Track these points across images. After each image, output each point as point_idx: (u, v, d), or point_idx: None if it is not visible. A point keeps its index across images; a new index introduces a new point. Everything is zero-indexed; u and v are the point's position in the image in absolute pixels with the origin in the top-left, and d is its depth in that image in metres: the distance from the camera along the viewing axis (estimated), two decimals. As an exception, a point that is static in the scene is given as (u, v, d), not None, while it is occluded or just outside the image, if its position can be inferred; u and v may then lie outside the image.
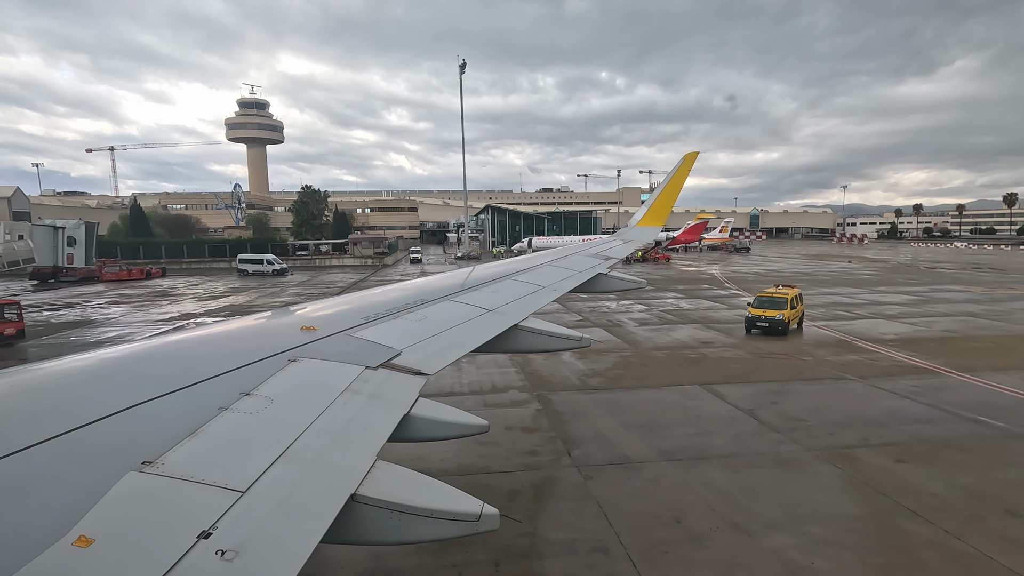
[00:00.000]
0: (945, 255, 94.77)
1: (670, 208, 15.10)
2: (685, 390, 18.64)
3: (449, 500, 3.04)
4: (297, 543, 2.34)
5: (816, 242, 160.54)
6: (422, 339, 5.45)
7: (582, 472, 12.55)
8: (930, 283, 50.39)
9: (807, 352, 23.83)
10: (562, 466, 12.94)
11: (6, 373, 3.68)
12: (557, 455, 13.54)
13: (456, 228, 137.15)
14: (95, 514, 2.21)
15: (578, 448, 13.89)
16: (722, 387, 18.78)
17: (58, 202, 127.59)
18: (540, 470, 12.77)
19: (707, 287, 49.32)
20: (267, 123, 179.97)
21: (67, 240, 40.47)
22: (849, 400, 17.41)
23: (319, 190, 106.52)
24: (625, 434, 14.79)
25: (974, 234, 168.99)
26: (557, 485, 12.00)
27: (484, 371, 21.31)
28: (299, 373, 4.13)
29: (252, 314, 8.10)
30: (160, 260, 76.58)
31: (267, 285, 56.74)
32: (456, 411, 4.40)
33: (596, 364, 22.23)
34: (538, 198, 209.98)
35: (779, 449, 13.67)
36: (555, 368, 21.67)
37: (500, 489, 11.80)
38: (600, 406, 17.11)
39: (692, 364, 22.19)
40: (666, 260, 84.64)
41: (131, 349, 4.77)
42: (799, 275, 58.64)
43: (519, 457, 13.47)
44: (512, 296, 7.91)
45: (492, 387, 19.23)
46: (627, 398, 17.91)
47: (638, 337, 27.43)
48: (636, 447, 13.92)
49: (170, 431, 2.97)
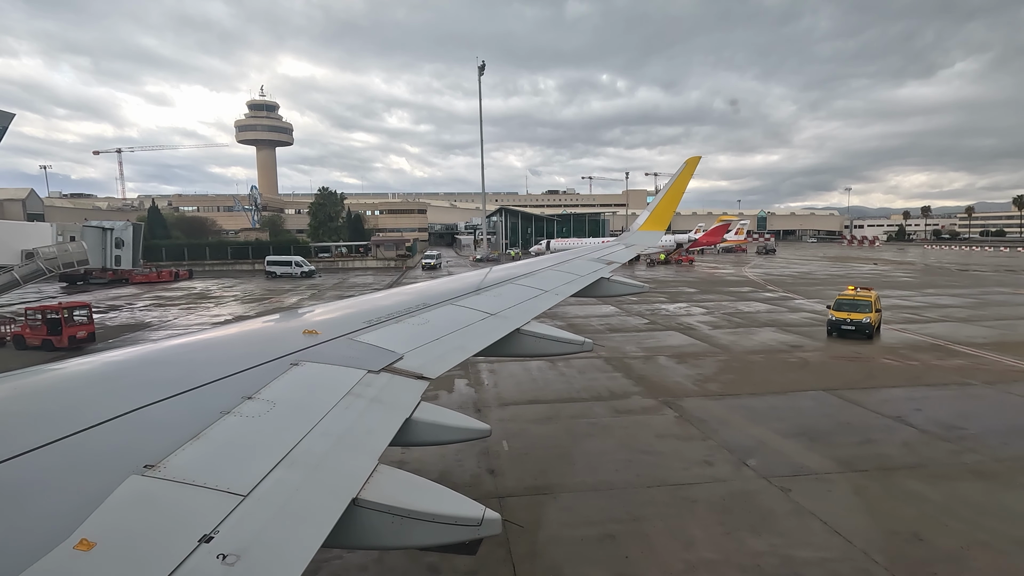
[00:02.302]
0: (966, 257, 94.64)
1: (673, 212, 15.06)
2: (813, 396, 18.11)
3: (450, 505, 2.99)
4: (298, 547, 2.33)
5: (826, 244, 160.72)
6: (424, 343, 5.45)
7: (773, 484, 11.99)
8: (973, 285, 50.08)
9: (908, 356, 23.31)
10: (746, 477, 12.37)
11: (8, 376, 3.60)
12: (734, 465, 12.97)
13: (472, 230, 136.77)
14: (97, 518, 2.20)
15: (751, 458, 13.32)
16: (848, 392, 18.25)
17: (69, 204, 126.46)
18: (728, 481, 12.20)
19: (748, 289, 48.86)
20: (277, 125, 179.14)
21: (115, 241, 39.82)
22: (992, 407, 16.92)
23: (336, 192, 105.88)
24: (787, 443, 14.23)
25: (984, 236, 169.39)
26: (758, 498, 11.42)
27: (588, 376, 20.76)
28: (301, 377, 4.12)
29: (254, 318, 7.92)
30: (182, 262, 75.80)
31: (301, 287, 56.05)
32: (458, 415, 4.32)
33: (699, 369, 21.68)
34: (544, 200, 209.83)
35: (963, 460, 13.14)
36: (660, 373, 21.12)
37: (705, 500, 11.24)
38: (738, 413, 16.54)
39: (798, 369, 21.67)
40: (689, 263, 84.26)
41: (134, 353, 4.70)
42: (834, 277, 58.30)
43: (696, 468, 12.89)
44: (514, 300, 7.90)
45: (610, 393, 18.64)
46: (760, 404, 17.35)
47: (721, 341, 26.90)
48: (809, 457, 13.37)
49: (172, 435, 2.95)
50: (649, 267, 78.12)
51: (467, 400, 18.14)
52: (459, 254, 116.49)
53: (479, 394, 18.80)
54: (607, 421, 16.03)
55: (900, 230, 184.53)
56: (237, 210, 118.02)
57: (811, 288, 48.74)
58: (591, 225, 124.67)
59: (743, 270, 70.43)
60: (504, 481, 12.26)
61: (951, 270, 67.50)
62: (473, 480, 12.36)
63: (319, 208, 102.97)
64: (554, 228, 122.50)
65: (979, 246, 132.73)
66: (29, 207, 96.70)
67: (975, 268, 70.03)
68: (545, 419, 16.27)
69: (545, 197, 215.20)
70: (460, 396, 18.61)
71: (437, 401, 18.15)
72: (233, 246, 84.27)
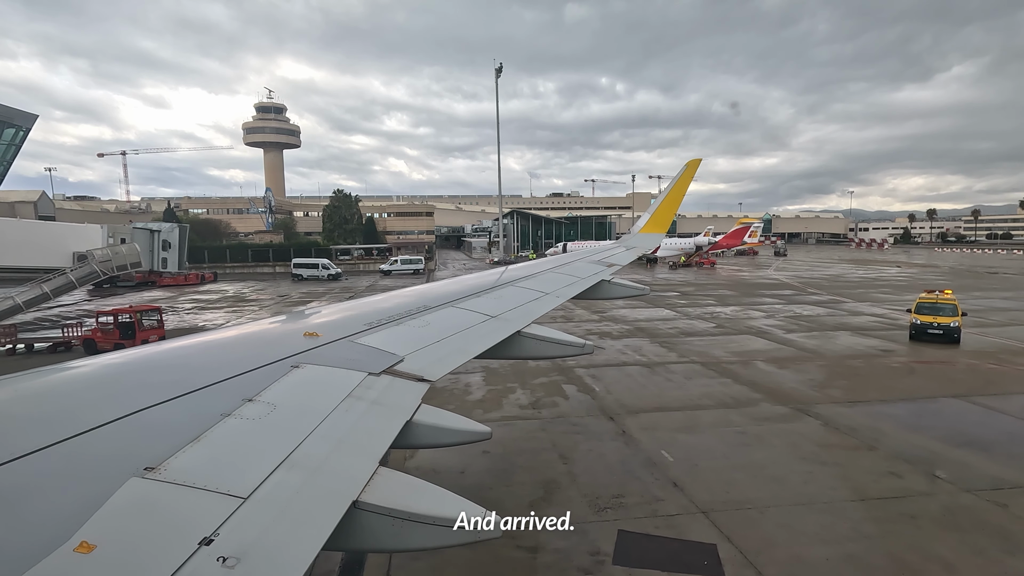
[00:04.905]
0: (980, 260, 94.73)
1: (674, 214, 14.97)
2: (948, 403, 17.60)
3: (451, 507, 2.95)
4: (299, 550, 2.32)
5: (830, 247, 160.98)
6: (425, 345, 5.44)
7: (982, 497, 11.44)
8: (1014, 288, 49.94)
9: (1009, 361, 22.86)
10: (948, 491, 11.80)
11: (9, 379, 3.57)
12: (926, 477, 12.42)
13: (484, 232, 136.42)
14: (97, 520, 2.19)
15: (937, 469, 12.77)
16: (981, 399, 17.77)
17: (78, 207, 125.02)
18: (932, 495, 11.64)
19: (790, 292, 48.48)
20: (284, 127, 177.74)
21: (162, 244, 38.90)
22: None
23: (350, 195, 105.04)
24: (961, 453, 13.69)
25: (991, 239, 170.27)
26: (981, 514, 10.86)
27: (697, 382, 20.19)
28: (302, 379, 4.10)
29: (255, 320, 7.65)
30: (203, 265, 74.79)
31: (335, 289, 55.24)
32: (459, 418, 4.28)
33: (806, 374, 21.14)
34: (548, 203, 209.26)
35: None
36: (770, 378, 20.57)
37: (926, 516, 10.67)
38: (883, 421, 15.99)
39: (909, 374, 21.18)
40: (711, 265, 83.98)
41: (134, 355, 4.63)
42: (867, 280, 58.07)
43: (886, 480, 12.33)
44: (515, 303, 7.82)
45: (735, 400, 18.06)
46: (898, 412, 16.80)
47: (806, 345, 26.40)
48: (995, 468, 12.84)
49: (172, 437, 2.94)
50: (672, 270, 77.80)
51: (591, 407, 17.51)
52: (470, 256, 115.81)
53: (596, 400, 18.19)
54: (754, 430, 15.45)
55: (905, 233, 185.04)
56: (253, 212, 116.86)
57: (854, 291, 48.39)
58: (597, 228, 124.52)
59: (769, 272, 70.13)
60: (697, 494, 11.63)
61: (979, 272, 67.42)
62: (664, 493, 11.73)
63: (333, 210, 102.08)
64: (562, 231, 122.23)
65: (989, 249, 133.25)
66: (41, 209, 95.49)
67: (1002, 271, 69.99)
68: (687, 428, 15.67)
69: (550, 200, 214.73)
70: (579, 403, 17.99)
71: (558, 408, 17.55)
72: (254, 249, 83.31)
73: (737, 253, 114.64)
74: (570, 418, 16.66)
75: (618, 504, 11.34)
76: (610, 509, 11.12)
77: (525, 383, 20.24)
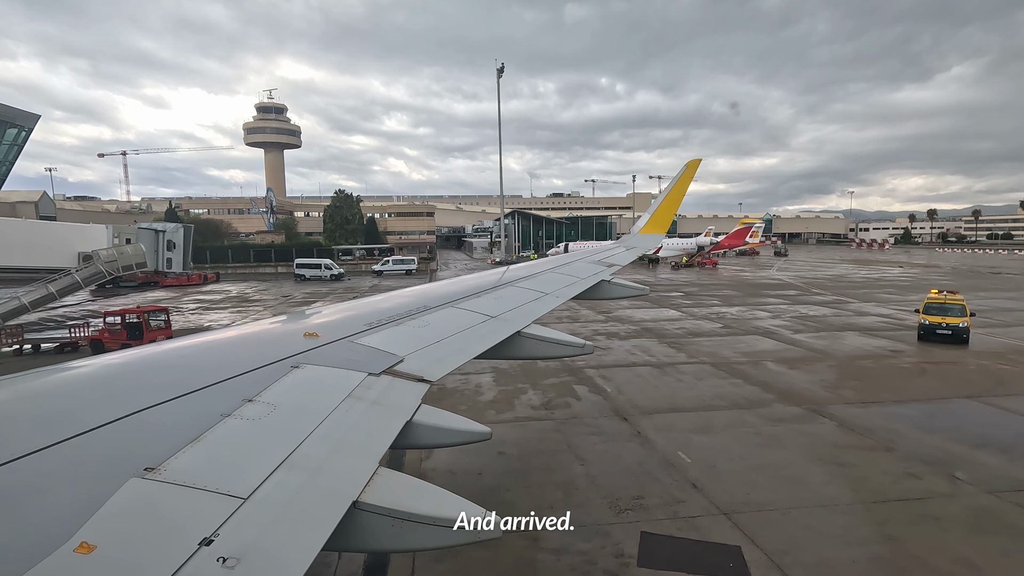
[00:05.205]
0: (981, 260, 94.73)
1: (673, 214, 15.00)
2: (962, 404, 17.58)
3: (451, 508, 2.94)
4: (299, 550, 2.31)
5: (830, 247, 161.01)
6: (425, 346, 5.43)
7: (1004, 499, 11.39)
8: (1015, 288, 49.95)
9: (1019, 361, 22.84)
10: (969, 492, 11.77)
11: (9, 379, 3.57)
12: (946, 479, 12.38)
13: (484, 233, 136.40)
14: (97, 521, 2.19)
15: (956, 470, 12.72)
16: (994, 400, 17.74)
17: (79, 207, 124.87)
18: (953, 496, 11.61)
19: (795, 292, 48.47)
20: (285, 127, 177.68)
21: (167, 244, 38.85)
22: None
23: (352, 195, 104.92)
24: (980, 455, 13.64)
25: (991, 239, 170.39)
26: (1004, 515, 10.82)
27: (708, 383, 20.14)
28: (302, 379, 4.10)
29: (255, 320, 7.57)
30: (205, 265, 74.64)
31: (338, 290, 55.16)
32: (459, 418, 4.27)
33: (817, 375, 21.10)
34: (548, 203, 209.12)
35: None
36: (781, 379, 20.51)
37: (948, 517, 10.63)
38: (898, 422, 15.94)
39: (920, 375, 21.15)
40: (712, 265, 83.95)
41: (134, 355, 4.61)
42: (870, 280, 58.06)
43: (906, 481, 12.28)
44: (514, 303, 7.83)
45: (747, 401, 18.02)
46: (912, 413, 16.75)
47: (815, 345, 26.36)
48: (1012, 469, 12.80)
49: (172, 437, 2.93)
50: (674, 270, 77.75)
51: (604, 408, 17.46)
52: (471, 256, 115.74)
53: (608, 401, 18.14)
54: (769, 431, 15.40)
55: (905, 233, 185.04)
56: (254, 212, 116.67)
57: (858, 291, 48.38)
58: (598, 228, 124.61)
59: (772, 272, 70.12)
60: (717, 496, 11.57)
61: (982, 272, 67.42)
62: (683, 494, 11.68)
63: (335, 211, 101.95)
64: (563, 231, 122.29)
65: (990, 249, 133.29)
66: (42, 209, 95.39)
67: (1004, 271, 69.98)
68: (702, 429, 15.61)
69: (550, 200, 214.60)
70: (591, 404, 17.93)
71: (571, 409, 17.49)
72: (256, 249, 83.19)
73: (738, 253, 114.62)
74: (584, 419, 16.59)
75: (638, 506, 11.28)
76: (631, 511, 11.07)
77: (536, 384, 20.18)
